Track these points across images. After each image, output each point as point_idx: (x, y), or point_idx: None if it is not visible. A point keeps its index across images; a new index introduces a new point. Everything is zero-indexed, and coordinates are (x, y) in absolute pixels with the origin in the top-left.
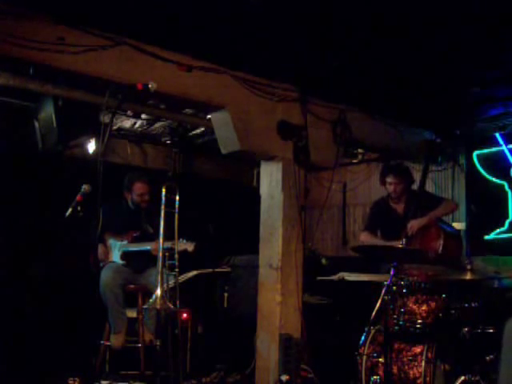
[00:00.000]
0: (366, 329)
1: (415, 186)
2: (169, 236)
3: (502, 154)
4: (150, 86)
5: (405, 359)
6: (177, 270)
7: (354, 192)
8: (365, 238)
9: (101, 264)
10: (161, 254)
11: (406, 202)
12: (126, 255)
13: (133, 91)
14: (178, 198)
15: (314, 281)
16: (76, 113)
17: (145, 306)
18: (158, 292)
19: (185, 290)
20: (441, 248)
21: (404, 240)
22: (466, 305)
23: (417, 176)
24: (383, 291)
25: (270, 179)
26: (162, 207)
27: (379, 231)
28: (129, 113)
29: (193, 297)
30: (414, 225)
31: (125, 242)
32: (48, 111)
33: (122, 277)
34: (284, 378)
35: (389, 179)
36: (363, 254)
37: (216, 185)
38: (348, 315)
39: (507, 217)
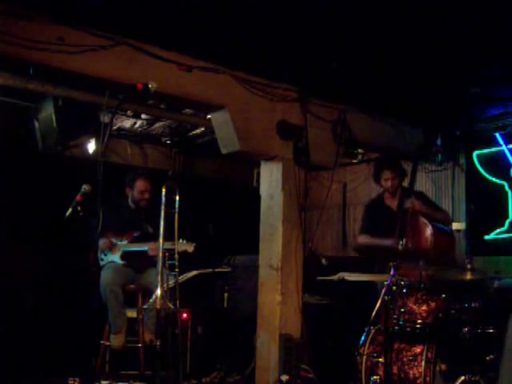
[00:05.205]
0: (366, 329)
1: (406, 183)
2: (169, 236)
3: (501, 153)
4: (149, 86)
5: (405, 359)
6: (177, 270)
7: (354, 192)
8: (364, 240)
9: (101, 264)
10: (161, 254)
11: (400, 199)
12: (126, 255)
13: (133, 91)
14: (177, 197)
15: (314, 281)
16: (76, 113)
17: (145, 306)
18: (158, 292)
19: (185, 290)
20: (430, 244)
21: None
22: (466, 305)
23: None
24: (383, 291)
25: (270, 179)
26: (162, 207)
27: (375, 231)
28: (129, 113)
29: (193, 297)
30: (415, 203)
31: (125, 242)
32: (48, 111)
33: (122, 277)
34: (284, 378)
35: (385, 175)
36: (363, 254)
37: (216, 185)
38: (348, 315)
39: (507, 217)
